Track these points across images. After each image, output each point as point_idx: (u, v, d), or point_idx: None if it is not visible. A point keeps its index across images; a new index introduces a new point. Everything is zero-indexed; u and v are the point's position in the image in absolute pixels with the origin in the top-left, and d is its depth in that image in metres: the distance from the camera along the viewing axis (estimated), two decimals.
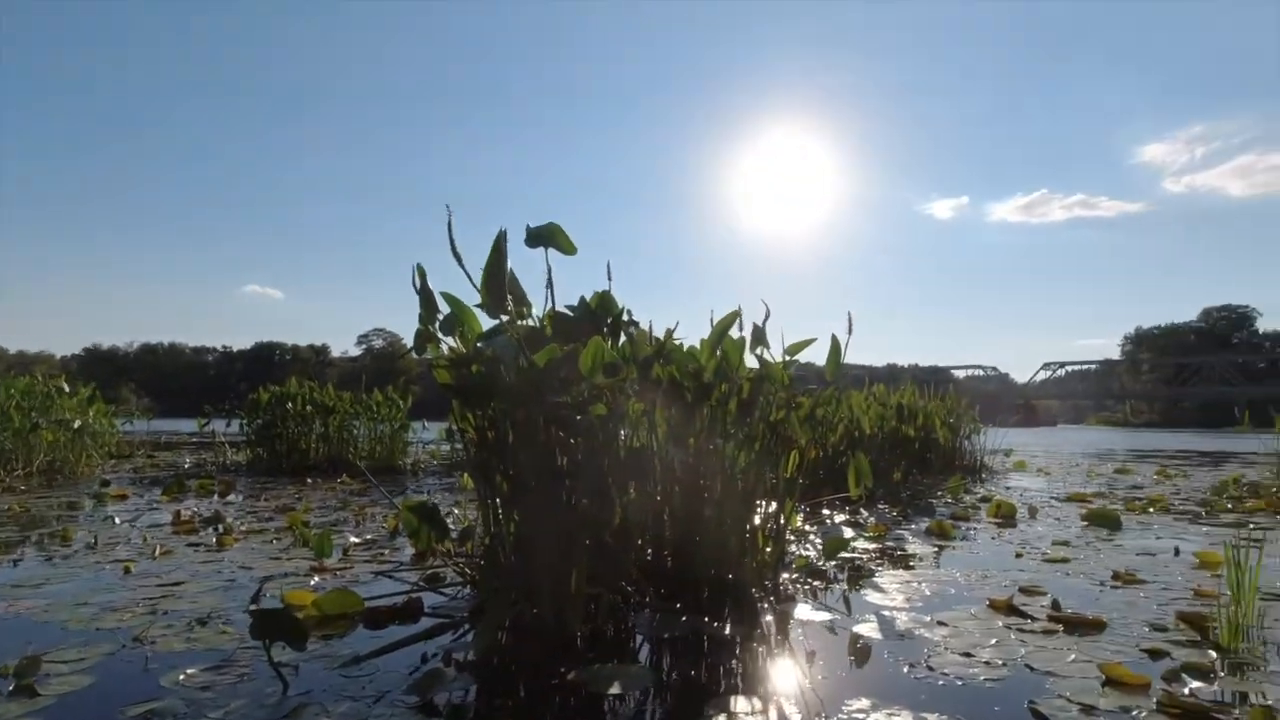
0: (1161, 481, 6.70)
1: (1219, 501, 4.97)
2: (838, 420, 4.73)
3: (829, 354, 2.37)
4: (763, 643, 1.93)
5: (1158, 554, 3.10)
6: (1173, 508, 4.68)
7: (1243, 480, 6.68)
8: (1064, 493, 5.46)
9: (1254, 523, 4.05)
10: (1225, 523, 4.06)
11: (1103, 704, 1.49)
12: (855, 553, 3.03)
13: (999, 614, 2.14)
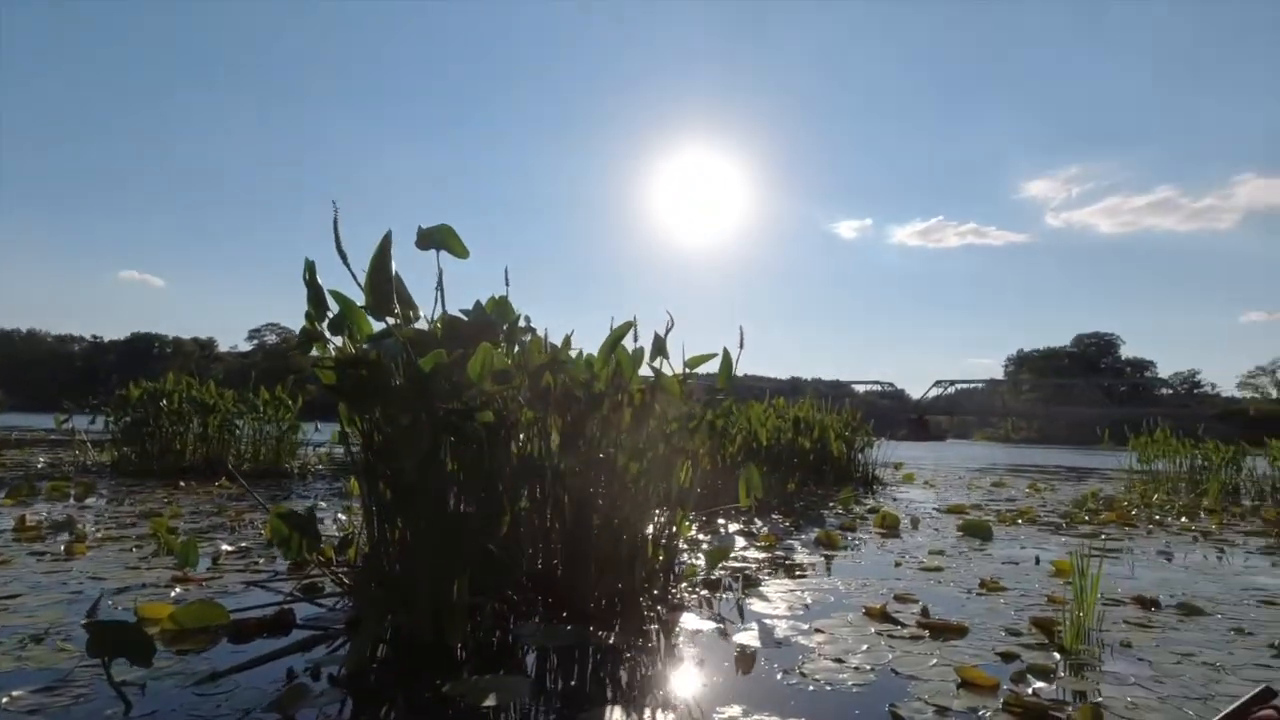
0: (1032, 495, 7.19)
1: (1078, 514, 5.38)
2: (736, 432, 4.84)
3: (721, 367, 2.43)
4: (648, 652, 1.95)
5: (1021, 563, 3.32)
6: (1039, 519, 5.03)
7: (1100, 494, 7.26)
8: (945, 505, 5.77)
9: (1105, 534, 4.41)
10: (1081, 533, 4.39)
11: (956, 705, 1.58)
12: (746, 562, 3.10)
13: (873, 621, 2.23)
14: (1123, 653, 2.01)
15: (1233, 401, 61.57)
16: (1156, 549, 3.89)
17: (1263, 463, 8.09)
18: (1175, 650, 2.04)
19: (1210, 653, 2.03)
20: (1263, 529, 4.93)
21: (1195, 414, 48.39)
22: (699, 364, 2.47)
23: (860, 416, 7.58)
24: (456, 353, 1.81)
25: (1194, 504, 6.57)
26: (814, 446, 6.09)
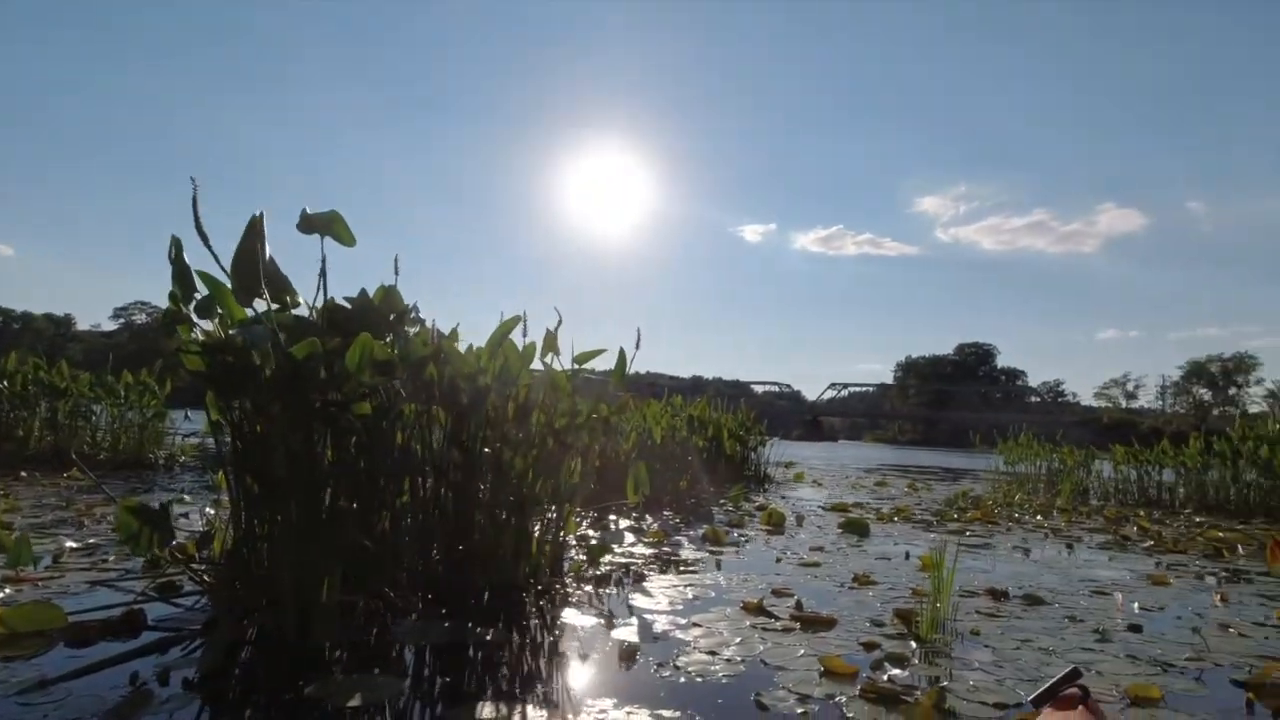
0: (910, 494, 7.62)
1: (948, 512, 5.74)
2: (631, 429, 4.89)
3: (615, 365, 2.45)
4: (528, 648, 1.94)
5: (893, 558, 3.52)
6: (914, 517, 5.33)
7: (970, 494, 7.77)
8: (830, 503, 6.03)
9: (970, 530, 4.73)
10: (949, 530, 4.69)
11: (817, 692, 1.66)
12: (633, 558, 3.14)
13: (749, 615, 2.31)
14: (972, 640, 2.17)
15: (1090, 410, 67.21)
16: (1012, 545, 4.20)
17: (1109, 466, 8.88)
18: (1016, 637, 2.21)
19: (1046, 638, 2.22)
20: (1104, 526, 5.41)
21: (1058, 420, 52.60)
22: (588, 360, 2.48)
23: (754, 416, 7.81)
24: (335, 341, 1.75)
25: (1049, 503, 7.14)
26: (708, 445, 6.23)
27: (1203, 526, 5.70)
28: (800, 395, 74.58)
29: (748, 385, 67.91)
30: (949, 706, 1.60)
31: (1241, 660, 2.08)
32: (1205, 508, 7.38)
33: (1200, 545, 4.60)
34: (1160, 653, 2.14)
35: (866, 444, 51.93)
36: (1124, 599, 2.86)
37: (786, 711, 1.55)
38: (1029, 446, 9.57)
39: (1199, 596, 3.05)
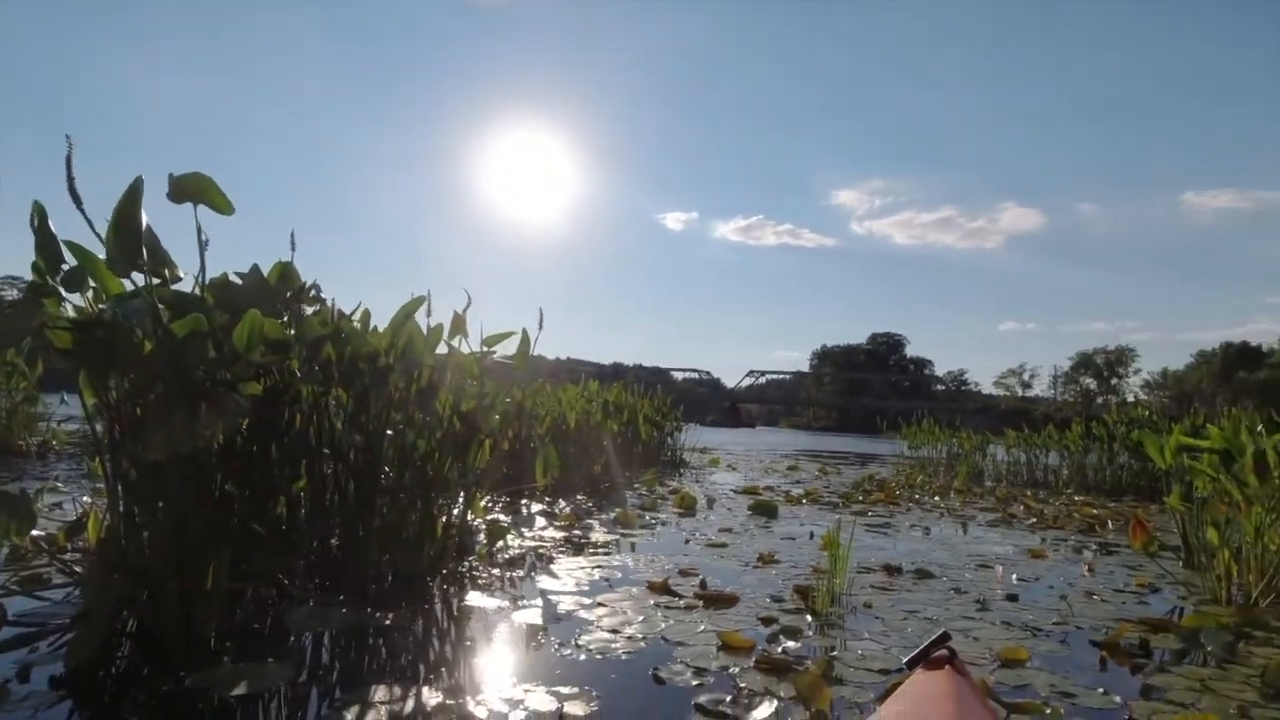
0: (820, 477, 7.89)
1: (854, 494, 5.98)
2: (545, 413, 4.87)
3: (518, 347, 2.43)
4: (430, 631, 1.92)
5: (798, 538, 3.64)
6: (821, 499, 5.53)
7: (875, 477, 8.11)
8: (742, 486, 6.17)
9: (873, 511, 4.94)
10: (854, 511, 4.89)
11: (713, 665, 1.70)
12: (542, 541, 3.14)
13: (655, 594, 2.35)
14: (864, 613, 2.27)
15: (990, 398, 71.11)
16: (910, 524, 4.42)
17: (1003, 450, 9.44)
18: (905, 608, 2.33)
19: (932, 609, 2.35)
20: (994, 506, 5.75)
21: (961, 408, 55.36)
22: (497, 342, 2.45)
23: (671, 402, 7.91)
24: (222, 318, 1.67)
25: (947, 485, 7.53)
26: (623, 430, 6.28)
27: (1081, 505, 6.14)
28: (720, 382, 75.97)
29: (668, 372, 68.67)
30: (837, 674, 1.68)
31: (1100, 623, 2.27)
32: (1085, 488, 7.94)
33: (1077, 522, 4.95)
34: (1032, 619, 2.30)
35: (783, 430, 53.40)
36: (1004, 571, 3.06)
37: (682, 684, 1.59)
38: (930, 432, 10.06)
39: (1071, 568, 3.30)
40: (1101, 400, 57.63)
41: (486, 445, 2.62)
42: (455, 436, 2.36)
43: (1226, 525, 2.81)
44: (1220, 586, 2.76)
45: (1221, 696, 1.68)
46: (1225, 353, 56.59)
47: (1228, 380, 51.46)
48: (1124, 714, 1.55)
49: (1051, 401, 62.05)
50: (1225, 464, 2.72)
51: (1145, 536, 2.93)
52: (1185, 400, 46.53)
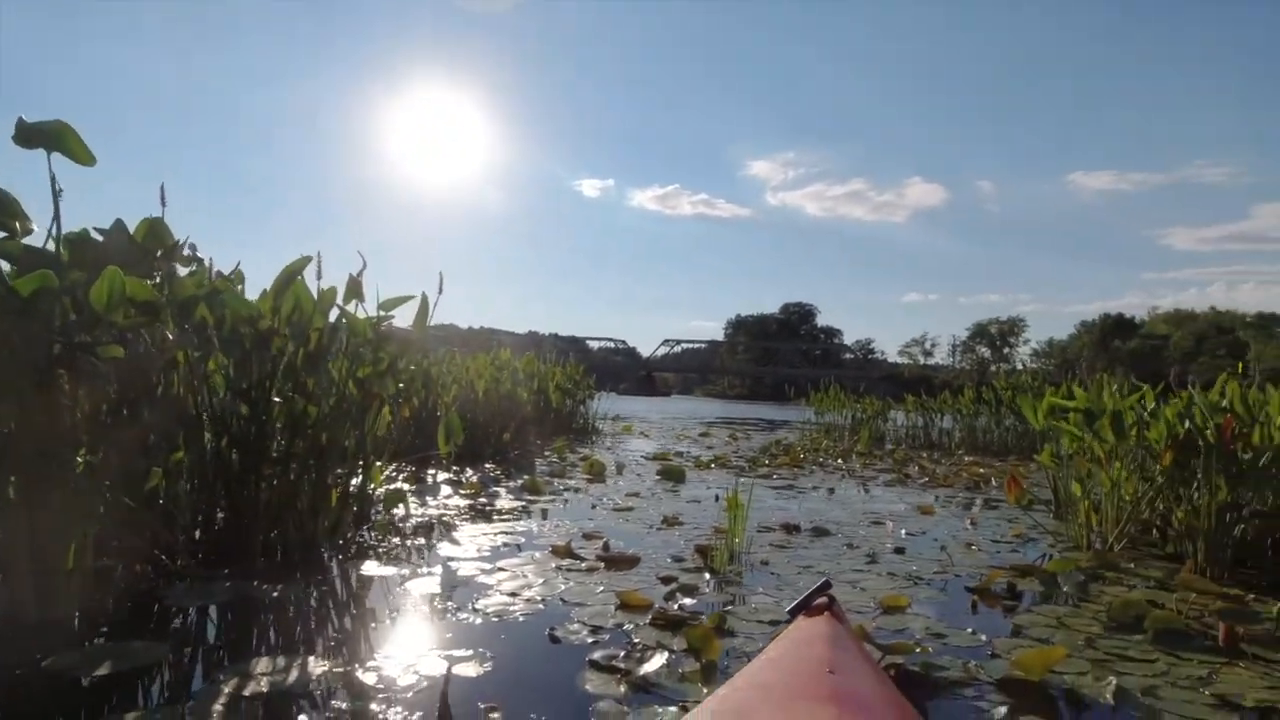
0: (730, 443, 8.08)
1: (761, 458, 6.16)
2: (452, 381, 4.77)
3: (417, 313, 2.36)
4: (322, 601, 1.87)
5: (703, 501, 3.72)
6: (729, 464, 5.67)
7: (783, 442, 8.38)
8: (653, 453, 6.26)
9: (777, 474, 5.10)
10: (759, 474, 5.04)
11: (609, 624, 1.73)
12: (447, 509, 3.10)
13: (557, 558, 2.36)
14: (761, 569, 2.35)
15: (894, 366, 74.34)
16: (812, 485, 4.59)
17: (903, 415, 9.92)
18: (800, 564, 2.43)
19: (825, 564, 2.46)
20: (892, 467, 6.04)
21: (868, 375, 57.64)
22: (394, 307, 2.37)
23: (584, 370, 7.90)
24: (76, 275, 1.55)
25: (850, 448, 7.85)
26: (533, 398, 6.23)
27: (969, 465, 6.53)
28: (635, 351, 76.43)
29: (584, 341, 68.53)
30: (729, 626, 1.74)
31: (976, 571, 2.43)
32: (975, 449, 8.45)
33: (964, 480, 5.27)
34: (915, 569, 2.44)
35: (697, 398, 54.34)
36: (895, 527, 3.22)
37: (578, 642, 1.60)
38: (835, 399, 10.45)
39: (956, 522, 3.51)
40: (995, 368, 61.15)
41: (385, 413, 2.55)
42: (351, 404, 2.29)
43: (1088, 479, 3.05)
44: (1082, 534, 3.00)
45: (1073, 631, 1.84)
46: (1103, 324, 61.01)
47: (1105, 349, 55.55)
48: (988, 650, 1.67)
49: (950, 369, 65.34)
50: (1088, 423, 2.94)
51: (1019, 491, 3.14)
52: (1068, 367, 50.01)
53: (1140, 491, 2.91)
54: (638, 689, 1.37)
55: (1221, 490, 2.51)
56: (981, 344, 69.80)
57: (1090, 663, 1.61)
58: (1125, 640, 1.78)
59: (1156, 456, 2.77)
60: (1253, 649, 1.74)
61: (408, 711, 1.24)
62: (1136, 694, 1.44)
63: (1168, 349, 52.52)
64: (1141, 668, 1.60)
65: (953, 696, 1.41)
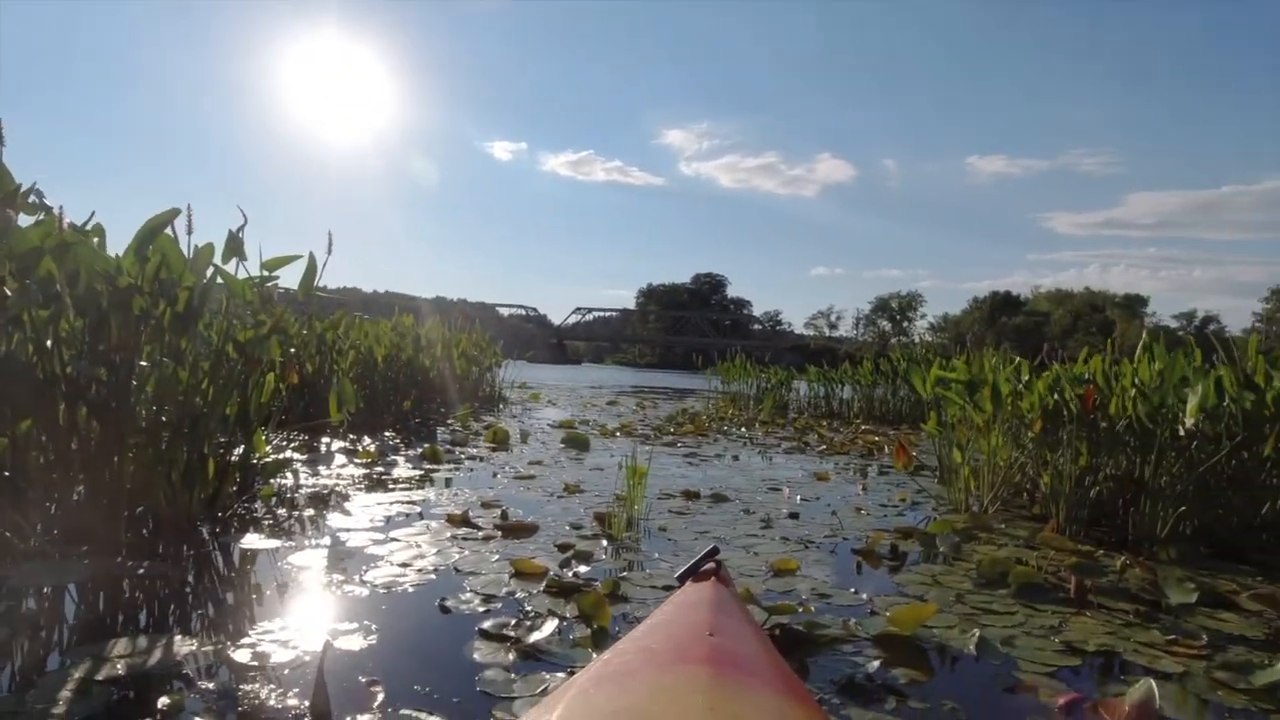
0: (637, 411, 8.15)
1: (666, 426, 6.24)
2: (348, 346, 4.58)
3: (303, 274, 2.23)
4: (199, 578, 1.77)
5: (606, 469, 3.73)
6: (635, 432, 5.71)
7: (689, 411, 8.52)
8: (559, 421, 6.23)
9: (682, 442, 5.18)
10: (664, 443, 5.10)
11: (502, 592, 1.71)
12: (340, 479, 2.99)
13: (453, 527, 2.32)
14: (658, 535, 2.39)
15: (801, 337, 76.73)
16: (715, 453, 4.69)
17: (806, 385, 10.26)
18: (697, 530, 2.48)
19: (721, 529, 2.51)
20: (793, 435, 6.25)
21: (776, 346, 59.22)
22: (279, 266, 2.24)
23: (490, 337, 7.75)
24: None
25: (754, 417, 8.07)
26: (436, 365, 6.07)
27: (866, 433, 6.83)
28: (546, 319, 75.78)
29: (494, 307, 67.29)
30: (623, 592, 1.75)
31: (863, 534, 2.54)
32: (872, 418, 8.85)
33: (860, 448, 5.51)
34: (807, 533, 2.53)
35: (609, 367, 54.50)
36: (791, 493, 3.34)
37: (469, 612, 1.58)
38: (741, 368, 10.69)
39: (849, 488, 3.67)
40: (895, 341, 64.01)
41: (270, 379, 2.41)
42: (230, 368, 2.15)
43: (968, 446, 3.24)
44: (961, 498, 3.20)
45: (946, 588, 1.95)
46: (992, 300, 64.80)
47: (993, 324, 59.09)
48: (868, 609, 1.75)
49: (854, 341, 67.97)
50: (969, 394, 3.12)
51: (906, 458, 3.31)
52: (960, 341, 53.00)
53: (1014, 458, 3.12)
54: (527, 656, 1.37)
55: (1083, 456, 2.72)
56: (883, 317, 72.88)
57: (959, 617, 1.72)
58: (991, 595, 1.91)
59: (1028, 425, 2.97)
60: (1099, 599, 1.90)
61: (283, 689, 1.19)
62: (997, 644, 1.55)
63: (1048, 325, 56.43)
64: (1003, 620, 1.72)
65: (833, 653, 1.48)
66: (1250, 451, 2.57)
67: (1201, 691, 1.36)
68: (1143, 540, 2.51)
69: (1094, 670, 1.46)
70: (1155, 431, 2.61)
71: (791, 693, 0.89)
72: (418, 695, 1.19)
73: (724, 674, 0.85)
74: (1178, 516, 2.48)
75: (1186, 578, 2.04)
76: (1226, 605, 1.92)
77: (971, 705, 1.27)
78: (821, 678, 1.36)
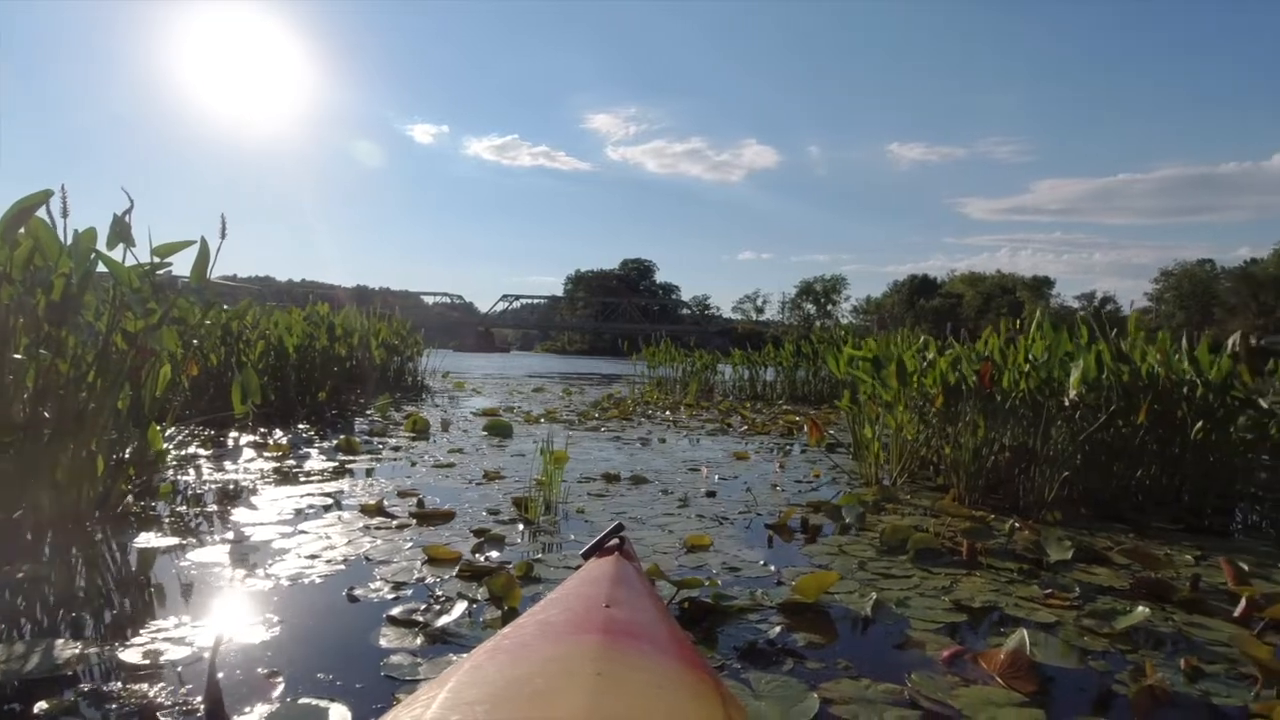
0: (563, 398, 8.13)
1: (591, 412, 6.26)
2: (256, 336, 4.41)
3: (196, 260, 2.14)
4: (87, 579, 1.68)
5: (528, 455, 3.72)
6: (560, 418, 5.71)
7: (615, 396, 8.56)
8: (481, 409, 6.17)
9: (606, 427, 5.21)
10: (588, 427, 5.12)
11: (413, 579, 1.70)
12: (248, 473, 2.88)
13: (367, 516, 2.28)
14: (576, 518, 2.41)
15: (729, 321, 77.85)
16: (639, 436, 4.74)
17: (730, 368, 10.44)
18: (615, 511, 2.51)
19: (639, 509, 2.55)
20: (717, 418, 6.36)
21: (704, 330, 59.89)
22: (170, 253, 2.13)
23: (411, 326, 7.59)
24: None
25: (679, 400, 8.17)
26: (351, 354, 5.90)
27: (787, 413, 7.01)
28: (473, 306, 74.56)
29: (418, 295, 65.75)
30: (536, 574, 1.77)
31: (776, 509, 2.62)
32: (795, 399, 9.09)
33: (780, 428, 5.66)
34: (723, 511, 2.60)
35: (537, 354, 54.09)
36: (710, 473, 3.41)
37: (377, 600, 1.56)
38: (667, 353, 10.79)
39: (767, 466, 3.77)
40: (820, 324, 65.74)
41: (165, 370, 2.31)
42: (119, 360, 2.05)
43: (877, 422, 3.38)
44: (872, 472, 3.33)
45: (850, 556, 2.04)
46: (911, 283, 67.29)
47: (913, 306, 61.40)
48: (775, 579, 1.82)
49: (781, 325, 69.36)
50: (876, 371, 3.25)
51: (819, 435, 3.42)
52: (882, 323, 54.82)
53: (919, 432, 3.28)
54: (435, 640, 1.37)
55: (980, 428, 2.88)
56: (808, 301, 74.61)
57: (859, 583, 1.80)
58: (891, 561, 2.00)
59: (932, 401, 3.12)
60: (988, 560, 2.02)
61: (174, 686, 1.15)
62: (892, 605, 1.64)
63: (962, 307, 59.02)
64: (900, 583, 1.81)
65: (739, 622, 1.53)
66: (1125, 420, 2.77)
67: (1070, 638, 1.48)
68: (1032, 505, 2.68)
69: (978, 624, 1.56)
70: (1044, 403, 2.79)
71: (684, 659, 0.93)
72: (320, 684, 1.18)
73: (617, 642, 0.88)
74: (1062, 481, 2.65)
75: (1066, 537, 2.20)
76: (1100, 560, 2.08)
77: (864, 662, 1.34)
78: (727, 645, 1.41)
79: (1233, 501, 2.98)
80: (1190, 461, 2.76)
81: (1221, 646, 1.48)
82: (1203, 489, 2.79)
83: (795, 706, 1.15)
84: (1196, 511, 2.74)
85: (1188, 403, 2.77)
